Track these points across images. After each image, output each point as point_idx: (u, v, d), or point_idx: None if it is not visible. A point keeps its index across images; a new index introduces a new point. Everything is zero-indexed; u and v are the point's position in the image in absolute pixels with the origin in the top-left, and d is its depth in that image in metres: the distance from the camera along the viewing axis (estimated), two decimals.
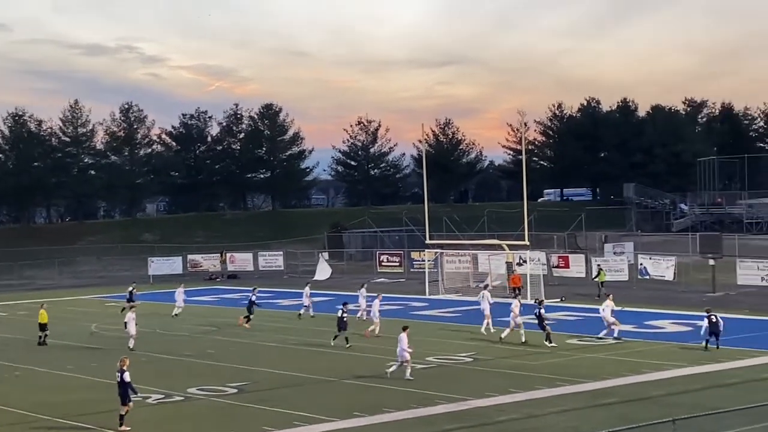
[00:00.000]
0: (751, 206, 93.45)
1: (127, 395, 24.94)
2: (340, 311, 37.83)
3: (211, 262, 75.55)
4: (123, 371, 25.04)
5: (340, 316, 37.47)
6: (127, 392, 24.95)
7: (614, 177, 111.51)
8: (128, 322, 38.33)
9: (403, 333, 30.67)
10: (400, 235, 79.52)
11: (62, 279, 75.10)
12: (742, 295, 50.19)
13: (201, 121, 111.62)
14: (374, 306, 40.66)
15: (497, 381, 29.54)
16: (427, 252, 61.46)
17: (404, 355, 30.28)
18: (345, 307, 37.93)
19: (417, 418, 25.21)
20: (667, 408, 24.52)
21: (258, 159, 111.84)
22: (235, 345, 39.13)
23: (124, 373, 25.01)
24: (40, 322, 40.49)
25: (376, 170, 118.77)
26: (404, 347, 30.24)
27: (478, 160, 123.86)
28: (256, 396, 28.51)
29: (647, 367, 31.12)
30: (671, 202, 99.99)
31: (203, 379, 31.38)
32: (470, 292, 56.01)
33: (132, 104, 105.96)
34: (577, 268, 59.76)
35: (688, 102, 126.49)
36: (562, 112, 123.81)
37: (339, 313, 37.74)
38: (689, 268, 56.75)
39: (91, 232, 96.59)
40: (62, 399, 29.04)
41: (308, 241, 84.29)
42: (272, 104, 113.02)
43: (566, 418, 24.78)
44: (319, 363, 33.98)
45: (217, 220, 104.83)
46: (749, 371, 30.47)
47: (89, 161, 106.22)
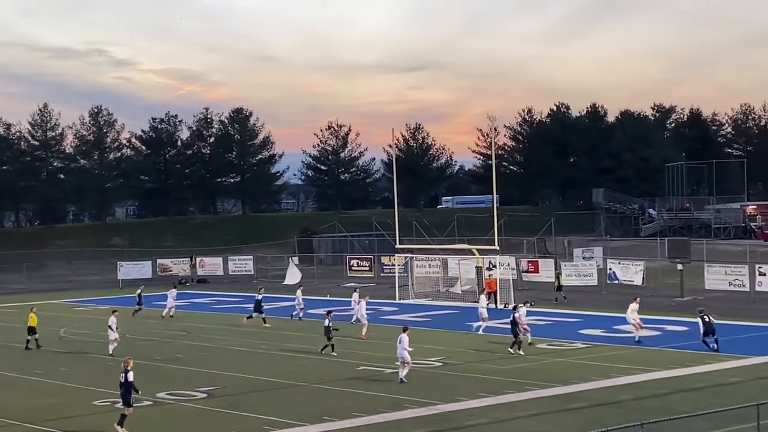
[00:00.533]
0: (718, 211, 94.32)
1: (130, 396, 24.83)
2: (326, 320, 37.24)
3: (181, 267, 75.23)
4: (127, 371, 24.99)
5: (327, 326, 36.86)
6: (130, 393, 24.84)
7: (583, 182, 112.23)
8: (111, 325, 37.88)
9: (403, 333, 30.91)
10: (370, 239, 79.57)
11: (31, 283, 74.52)
12: (710, 300, 50.55)
13: (171, 125, 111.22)
14: (361, 308, 41.68)
15: (467, 385, 29.63)
16: (397, 256, 61.53)
17: (404, 355, 30.45)
18: (330, 316, 37.53)
19: (386, 422, 25.25)
20: (636, 412, 24.69)
21: (228, 163, 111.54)
22: (205, 350, 39.01)
23: (128, 373, 24.95)
24: (29, 326, 40.03)
25: (347, 175, 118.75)
26: (405, 347, 30.44)
27: (448, 165, 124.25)
28: (225, 401, 28.44)
29: (616, 372, 31.32)
30: (640, 207, 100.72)
31: (172, 383, 31.26)
32: (440, 296, 56.18)
33: (102, 108, 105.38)
34: (546, 272, 59.99)
35: (657, 107, 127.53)
36: (531, 118, 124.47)
37: (326, 323, 37.05)
38: (658, 273, 57.18)
39: (60, 236, 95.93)
40: (31, 404, 28.84)
41: (278, 246, 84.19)
42: (242, 108, 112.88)
43: (535, 422, 24.91)
44: (290, 368, 33.94)
45: (186, 224, 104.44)
46: (715, 376, 30.73)
47: (58, 165, 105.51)
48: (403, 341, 30.57)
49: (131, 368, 25.13)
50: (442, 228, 74.54)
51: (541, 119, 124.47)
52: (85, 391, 30.38)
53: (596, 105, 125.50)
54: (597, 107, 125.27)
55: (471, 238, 64.60)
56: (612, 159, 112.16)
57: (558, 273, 55.54)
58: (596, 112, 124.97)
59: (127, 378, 24.90)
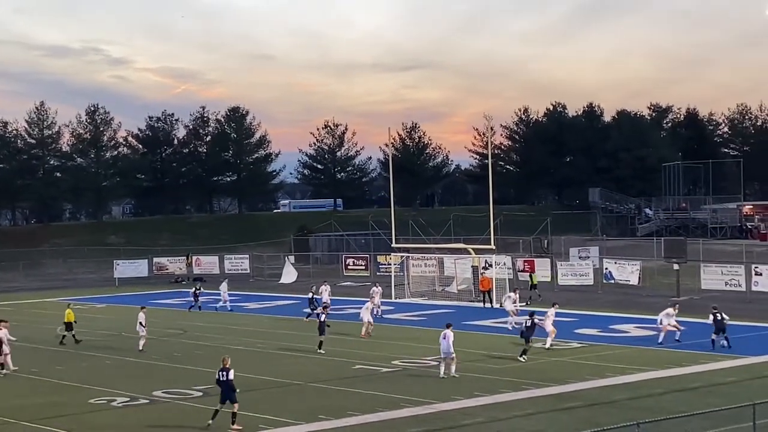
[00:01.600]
0: (715, 211, 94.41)
1: (233, 393, 24.86)
2: (323, 316, 37.94)
3: (177, 265, 75.22)
4: (227, 369, 25.02)
5: (322, 321, 37.53)
6: (233, 390, 24.87)
7: (580, 181, 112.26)
8: (140, 322, 38.61)
9: (447, 330, 31.25)
10: (366, 238, 79.57)
11: (27, 281, 74.47)
12: (706, 300, 50.58)
13: (167, 123, 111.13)
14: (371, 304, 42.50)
15: (463, 384, 29.65)
16: (393, 256, 61.55)
17: (451, 350, 30.83)
18: (325, 311, 38.37)
19: (382, 421, 25.27)
20: (631, 412, 24.73)
21: (224, 162, 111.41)
22: (202, 348, 39.01)
23: (228, 371, 24.98)
24: (66, 321, 40.62)
25: (343, 174, 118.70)
26: (450, 343, 30.83)
27: (444, 164, 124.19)
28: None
29: (611, 371, 31.36)
30: (636, 206, 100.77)
31: (169, 382, 31.28)
32: (436, 295, 56.21)
33: (98, 106, 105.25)
34: (542, 272, 60.05)
35: (653, 107, 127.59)
36: (528, 117, 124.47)
37: (322, 318, 37.80)
38: (654, 273, 57.25)
39: (56, 234, 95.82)
40: (28, 402, 28.84)
41: (274, 245, 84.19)
42: (239, 107, 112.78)
43: (531, 421, 24.94)
44: (286, 366, 33.95)
45: (183, 222, 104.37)
46: (711, 375, 30.78)
47: (55, 163, 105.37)
48: (448, 337, 30.93)
49: (230, 366, 25.19)
50: (438, 227, 74.58)
51: (537, 118, 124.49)
52: (82, 389, 30.39)
53: (593, 104, 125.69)
54: (593, 107, 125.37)
55: (467, 237, 64.62)
56: (608, 158, 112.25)
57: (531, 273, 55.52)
58: (593, 111, 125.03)
59: (227, 376, 24.94)
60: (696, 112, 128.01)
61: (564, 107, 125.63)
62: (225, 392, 24.93)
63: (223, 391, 24.98)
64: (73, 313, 41.10)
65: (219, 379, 25.14)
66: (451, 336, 31.12)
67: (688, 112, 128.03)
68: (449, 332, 31.20)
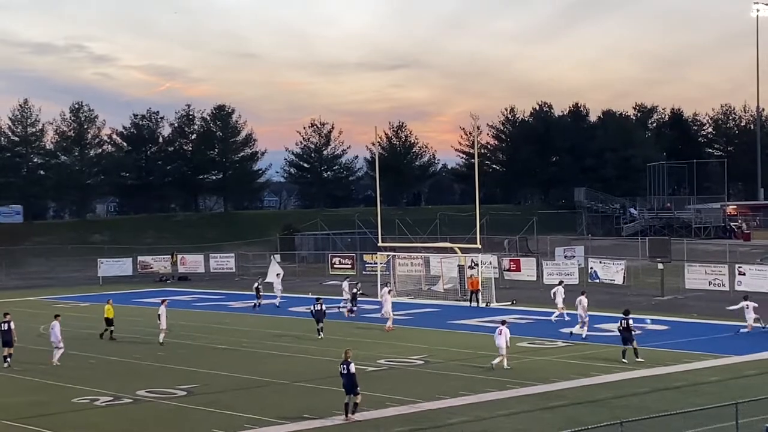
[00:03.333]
0: (699, 211, 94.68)
1: (355, 385, 25.07)
2: (319, 305, 40.16)
3: (162, 264, 74.98)
4: (348, 362, 25.22)
5: (319, 309, 39.85)
6: (354, 384, 25.06)
7: (566, 181, 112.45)
8: (161, 315, 39.13)
9: (503, 326, 31.96)
10: (352, 237, 79.51)
11: (9, 280, 74.10)
12: (690, 299, 50.84)
13: (152, 121, 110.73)
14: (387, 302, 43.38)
15: (448, 384, 29.66)
16: (379, 255, 61.49)
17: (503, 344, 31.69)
18: (319, 301, 40.58)
19: (367, 420, 25.24)
20: (615, 410, 24.79)
21: (210, 160, 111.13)
22: (185, 347, 38.90)
23: (350, 364, 25.18)
24: (106, 317, 40.91)
25: (329, 172, 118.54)
26: (505, 339, 31.65)
27: (430, 164, 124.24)
28: (205, 398, 28.38)
29: (595, 370, 31.43)
30: (621, 206, 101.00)
31: (152, 381, 31.18)
32: (422, 294, 56.19)
33: (82, 104, 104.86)
34: (528, 271, 60.16)
35: (639, 107, 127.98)
36: (514, 116, 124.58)
37: (319, 307, 40.02)
38: (638, 272, 57.40)
39: (39, 232, 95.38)
40: (11, 401, 28.68)
41: (260, 243, 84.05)
42: (225, 105, 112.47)
43: (515, 420, 24.96)
44: (271, 366, 33.88)
45: (168, 221, 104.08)
46: (696, 374, 30.87)
47: (39, 161, 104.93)
48: (504, 333, 31.71)
49: (351, 358, 25.39)
50: (424, 226, 74.50)
51: (523, 118, 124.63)
52: (65, 389, 30.25)
53: (578, 104, 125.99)
54: (579, 107, 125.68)
55: (453, 236, 64.67)
56: (594, 158, 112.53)
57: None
58: (578, 111, 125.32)
59: (349, 369, 25.12)
60: (681, 112, 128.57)
61: (550, 107, 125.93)
62: (345, 384, 25.22)
63: (344, 383, 25.27)
64: (112, 309, 41.41)
65: (341, 372, 25.39)
66: (506, 332, 31.93)
67: (672, 112, 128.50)
68: (503, 328, 31.96)
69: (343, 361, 25.43)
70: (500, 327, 32.17)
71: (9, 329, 34.88)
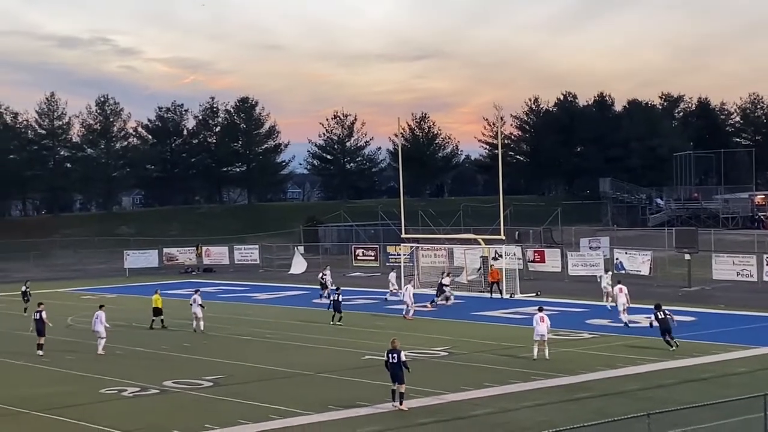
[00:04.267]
0: (726, 201, 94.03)
1: (402, 374, 25.33)
2: (337, 295, 41.67)
3: (187, 256, 75.33)
4: (398, 351, 25.41)
5: (336, 300, 41.22)
6: (402, 371, 25.32)
7: (590, 171, 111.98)
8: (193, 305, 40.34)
9: (541, 312, 32.17)
10: (375, 229, 79.52)
11: (38, 272, 74.57)
12: (717, 290, 50.52)
13: (177, 114, 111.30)
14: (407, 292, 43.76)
15: (472, 375, 29.60)
16: (402, 246, 61.47)
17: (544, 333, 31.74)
18: (338, 290, 42.24)
19: (392, 412, 25.23)
20: (642, 402, 24.65)
21: (234, 152, 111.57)
22: (211, 338, 39.05)
23: (400, 353, 25.40)
24: (155, 307, 41.86)
25: (352, 164, 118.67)
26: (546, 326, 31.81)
27: (454, 155, 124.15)
28: (231, 389, 28.47)
29: (622, 362, 31.27)
30: (647, 196, 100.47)
31: (179, 372, 31.31)
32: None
33: (108, 97, 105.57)
34: (552, 262, 59.96)
35: (665, 97, 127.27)
36: (538, 107, 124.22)
37: (337, 297, 41.47)
38: (665, 263, 57.07)
39: (66, 225, 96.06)
40: (38, 392, 28.88)
41: (284, 235, 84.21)
42: (248, 98, 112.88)
43: (540, 412, 24.86)
44: (296, 357, 33.94)
45: (192, 213, 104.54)
46: (723, 366, 30.66)
47: (65, 154, 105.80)
48: (545, 320, 31.86)
49: (400, 347, 25.62)
50: (447, 217, 74.48)
51: (547, 108, 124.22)
52: (93, 379, 30.43)
53: (603, 94, 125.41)
54: (604, 96, 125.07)
55: (477, 227, 64.53)
56: (619, 148, 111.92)
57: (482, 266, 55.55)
58: (604, 101, 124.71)
59: (399, 357, 25.30)
60: (708, 101, 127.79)
61: (575, 97, 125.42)
62: (395, 373, 25.38)
63: (393, 372, 25.39)
64: (160, 299, 42.21)
65: (391, 361, 25.49)
66: (547, 320, 32.00)
67: (699, 101, 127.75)
68: (545, 315, 32.02)
69: (391, 349, 25.57)
70: (541, 314, 32.07)
71: (41, 318, 35.79)
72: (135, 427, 24.24)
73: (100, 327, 35.26)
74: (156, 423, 24.72)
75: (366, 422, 24.33)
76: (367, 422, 24.33)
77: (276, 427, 23.98)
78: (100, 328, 35.34)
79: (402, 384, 25.28)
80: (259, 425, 24.07)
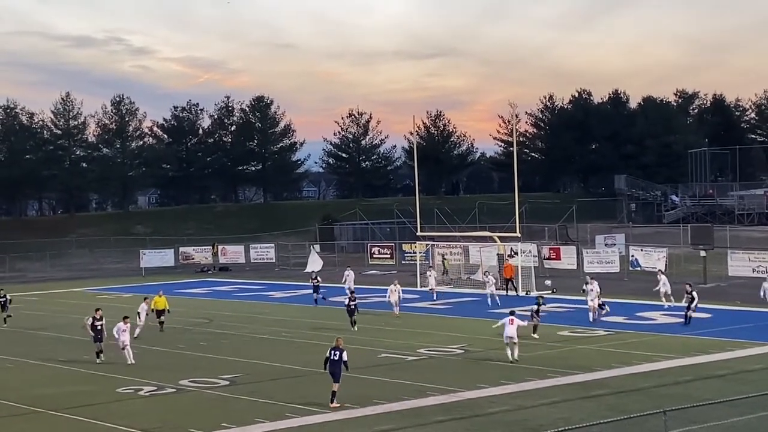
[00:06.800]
0: (742, 197, 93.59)
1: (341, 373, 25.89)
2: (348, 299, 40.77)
3: (203, 255, 75.56)
4: (341, 350, 25.92)
5: (348, 304, 40.27)
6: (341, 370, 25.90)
7: (605, 168, 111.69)
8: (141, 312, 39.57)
9: (513, 315, 31.57)
10: (391, 227, 79.59)
11: (54, 271, 75.01)
12: (733, 287, 50.34)
13: (192, 113, 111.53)
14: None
15: (488, 373, 29.61)
16: (418, 244, 61.50)
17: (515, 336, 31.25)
18: (352, 295, 40.86)
19: (408, 409, 25.26)
20: (658, 399, 24.63)
21: (249, 151, 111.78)
22: (228, 337, 39.17)
23: (342, 352, 25.89)
24: (157, 309, 41.27)
25: (368, 162, 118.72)
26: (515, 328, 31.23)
27: (469, 152, 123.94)
28: (247, 388, 28.55)
29: (638, 359, 31.22)
30: (662, 193, 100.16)
31: (195, 371, 31.40)
32: (462, 284, 56.12)
33: (123, 97, 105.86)
34: (568, 259, 59.87)
35: (680, 93, 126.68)
36: (553, 104, 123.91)
37: (347, 301, 40.55)
38: (680, 260, 56.91)
39: (82, 224, 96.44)
40: (55, 391, 29.03)
41: (299, 234, 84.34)
42: (263, 97, 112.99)
43: (557, 409, 24.85)
44: (312, 355, 33.89)
45: (208, 212, 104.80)
46: (739, 362, 30.57)
47: (81, 154, 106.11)
48: (515, 322, 31.35)
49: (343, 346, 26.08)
50: (463, 215, 74.43)
51: (562, 105, 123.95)
52: (109, 379, 30.56)
53: (618, 91, 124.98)
54: (619, 93, 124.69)
55: (492, 225, 64.50)
56: (634, 145, 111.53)
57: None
58: (618, 98, 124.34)
59: (341, 356, 25.80)
60: (722, 97, 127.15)
61: (589, 94, 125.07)
62: (333, 371, 25.80)
63: (331, 370, 25.84)
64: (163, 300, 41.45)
65: (332, 358, 25.90)
66: (518, 322, 31.57)
67: (714, 98, 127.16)
68: (515, 318, 31.59)
69: (335, 347, 25.94)
70: (511, 317, 31.47)
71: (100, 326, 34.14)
72: (151, 426, 24.33)
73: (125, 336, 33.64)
74: (172, 422, 24.80)
75: (383, 420, 24.37)
76: (384, 420, 24.36)
77: (292, 425, 24.04)
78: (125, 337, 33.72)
79: (337, 383, 25.63)
80: (276, 424, 24.13)
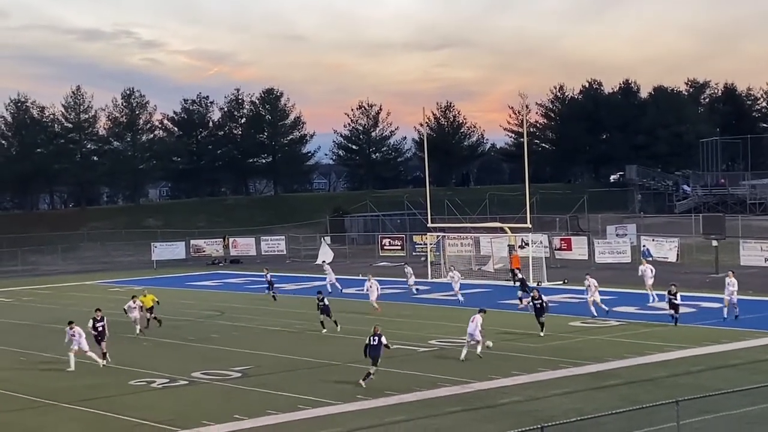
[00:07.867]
0: (754, 187, 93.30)
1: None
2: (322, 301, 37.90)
3: (214, 247, 75.67)
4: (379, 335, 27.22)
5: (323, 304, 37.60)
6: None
7: (616, 159, 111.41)
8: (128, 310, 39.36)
9: (478, 315, 31.13)
10: (401, 218, 79.58)
11: (66, 265, 75.23)
12: (745, 276, 49.99)
13: (202, 106, 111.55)
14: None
15: (500, 363, 29.60)
16: (429, 235, 61.47)
17: (476, 334, 30.66)
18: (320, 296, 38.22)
19: (420, 401, 25.29)
20: (670, 389, 24.59)
21: (259, 144, 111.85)
22: (239, 329, 39.25)
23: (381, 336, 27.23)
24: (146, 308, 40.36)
25: (378, 154, 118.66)
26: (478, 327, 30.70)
27: (479, 143, 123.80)
28: (260, 380, 28.62)
29: (650, 349, 31.18)
30: (674, 183, 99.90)
31: (207, 363, 31.48)
32: (472, 275, 56.08)
33: (134, 90, 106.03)
34: (579, 250, 59.78)
35: (691, 83, 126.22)
36: (563, 94, 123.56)
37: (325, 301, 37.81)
38: (692, 250, 56.79)
39: (94, 218, 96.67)
40: (69, 384, 29.14)
41: (310, 226, 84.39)
42: (273, 89, 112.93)
43: (569, 400, 24.84)
44: (324, 347, 34.05)
45: (219, 205, 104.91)
46: (751, 352, 30.51)
47: (92, 147, 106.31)
48: (477, 321, 30.80)
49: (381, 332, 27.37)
50: (474, 206, 74.39)
51: (573, 96, 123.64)
52: (122, 371, 30.65)
53: (629, 81, 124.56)
54: (630, 83, 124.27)
55: (503, 216, 64.42)
56: (645, 135, 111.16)
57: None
58: (629, 88, 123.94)
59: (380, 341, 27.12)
60: (734, 86, 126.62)
61: (600, 84, 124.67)
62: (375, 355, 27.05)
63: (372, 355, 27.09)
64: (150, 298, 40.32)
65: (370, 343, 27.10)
66: (479, 320, 30.85)
67: (725, 87, 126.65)
68: (478, 316, 30.99)
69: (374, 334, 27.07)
70: (475, 315, 31.10)
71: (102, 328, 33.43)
72: (164, 417, 24.41)
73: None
74: (185, 414, 24.87)
75: (395, 411, 24.39)
76: (396, 411, 24.38)
77: (304, 417, 24.09)
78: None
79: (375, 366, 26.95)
80: (288, 415, 24.19)
